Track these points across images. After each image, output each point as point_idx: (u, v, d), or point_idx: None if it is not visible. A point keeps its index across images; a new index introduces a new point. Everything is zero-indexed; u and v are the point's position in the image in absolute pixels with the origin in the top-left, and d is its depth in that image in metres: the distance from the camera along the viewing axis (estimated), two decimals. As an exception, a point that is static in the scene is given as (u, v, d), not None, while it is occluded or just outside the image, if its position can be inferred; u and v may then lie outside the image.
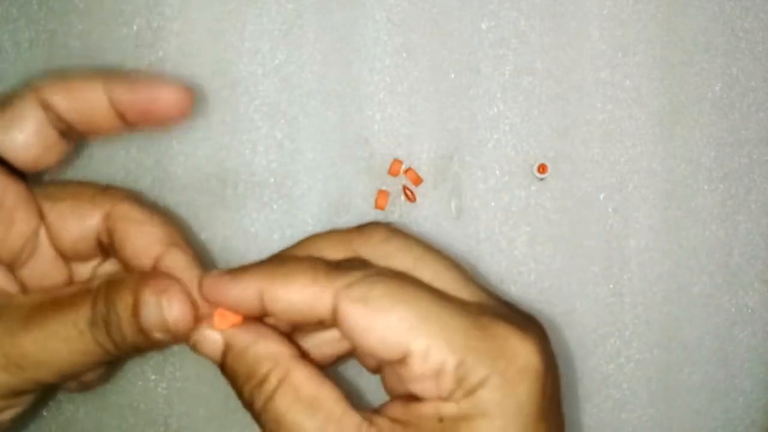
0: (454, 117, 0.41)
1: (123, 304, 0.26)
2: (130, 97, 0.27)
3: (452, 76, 0.41)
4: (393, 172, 0.41)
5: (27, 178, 0.29)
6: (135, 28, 0.39)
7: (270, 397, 0.25)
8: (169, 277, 0.27)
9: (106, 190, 0.28)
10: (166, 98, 0.28)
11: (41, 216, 0.28)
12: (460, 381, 0.25)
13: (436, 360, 0.25)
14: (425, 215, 0.41)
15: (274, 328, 0.28)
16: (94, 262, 0.31)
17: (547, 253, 0.42)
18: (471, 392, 0.25)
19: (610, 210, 0.42)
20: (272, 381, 0.26)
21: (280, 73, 0.40)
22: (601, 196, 0.42)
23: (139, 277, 0.27)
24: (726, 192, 0.42)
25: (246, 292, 0.26)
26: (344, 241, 0.29)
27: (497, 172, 0.41)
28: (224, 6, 0.40)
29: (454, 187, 0.41)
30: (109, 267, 0.31)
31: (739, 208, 0.42)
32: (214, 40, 0.40)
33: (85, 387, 0.32)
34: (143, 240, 0.27)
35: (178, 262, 0.27)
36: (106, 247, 0.28)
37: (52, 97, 0.27)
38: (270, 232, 0.40)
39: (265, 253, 0.40)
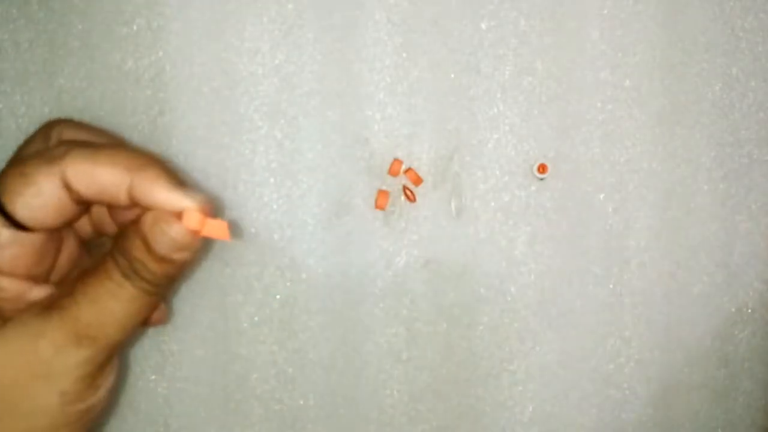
0: (454, 117, 0.41)
1: (136, 248, 0.29)
2: (148, 203, 0.29)
3: (452, 76, 0.41)
4: (393, 172, 0.41)
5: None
6: (135, 28, 0.40)
7: None
8: (150, 210, 0.29)
9: (48, 157, 0.29)
10: (187, 210, 0.29)
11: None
12: None
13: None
14: (425, 215, 0.41)
15: None
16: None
17: (547, 253, 0.42)
18: None
19: (610, 210, 0.42)
20: None
21: (280, 73, 0.40)
22: (601, 196, 0.42)
23: (134, 222, 0.30)
24: (726, 192, 0.42)
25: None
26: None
27: (497, 172, 0.41)
28: (224, 6, 0.40)
29: (454, 187, 0.41)
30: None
31: (739, 208, 0.42)
32: (214, 40, 0.40)
33: (156, 324, 0.35)
34: (106, 182, 0.29)
35: (146, 183, 0.29)
36: (84, 202, 0.30)
37: (76, 180, 0.29)
38: (270, 232, 0.40)
39: (265, 253, 0.40)
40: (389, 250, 0.41)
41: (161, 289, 0.30)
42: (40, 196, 0.29)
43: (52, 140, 0.32)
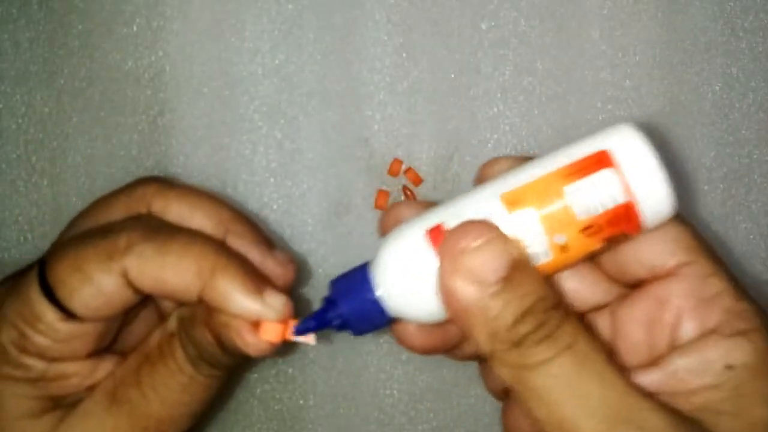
0: (454, 117, 0.41)
1: (207, 342, 0.27)
2: (222, 310, 0.27)
3: (452, 76, 0.41)
4: (393, 172, 0.41)
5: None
6: (135, 28, 0.40)
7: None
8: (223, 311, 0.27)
9: (109, 251, 0.27)
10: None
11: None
12: None
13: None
14: (425, 215, 0.41)
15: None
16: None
17: (547, 253, 0.42)
18: None
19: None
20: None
21: (280, 73, 0.40)
22: (601, 196, 0.42)
23: (203, 312, 0.27)
24: (726, 192, 0.42)
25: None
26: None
27: (497, 172, 0.41)
28: (224, 6, 0.40)
29: (454, 187, 0.41)
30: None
31: (739, 208, 0.42)
32: (214, 40, 0.40)
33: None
34: (174, 285, 0.26)
35: (219, 290, 0.26)
36: (147, 293, 0.28)
37: (140, 280, 0.26)
38: (270, 232, 0.40)
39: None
40: (389, 250, 0.41)
41: (232, 370, 0.28)
42: (100, 294, 0.26)
43: (140, 207, 0.29)
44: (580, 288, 0.29)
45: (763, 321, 0.26)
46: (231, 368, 0.28)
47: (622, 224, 0.27)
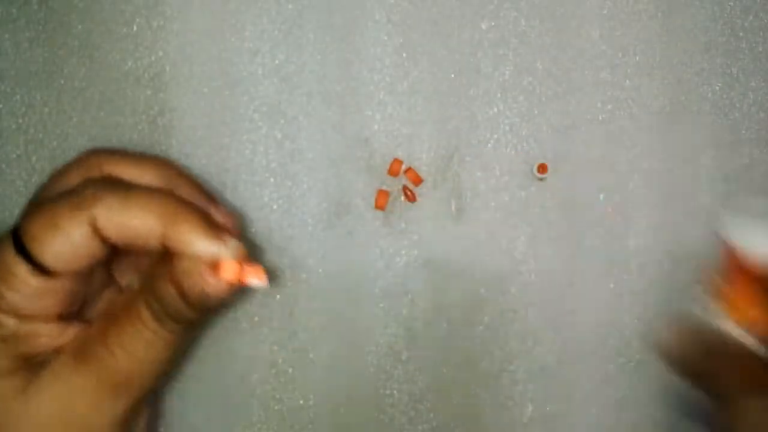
0: (454, 117, 0.41)
1: (169, 295, 0.28)
2: (182, 252, 0.28)
3: (452, 76, 0.41)
4: (393, 172, 0.41)
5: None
6: (135, 28, 0.39)
7: None
8: (183, 256, 0.29)
9: (77, 202, 0.28)
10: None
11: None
12: None
13: None
14: (425, 215, 0.41)
15: None
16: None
17: (547, 253, 0.42)
18: None
19: (610, 210, 0.42)
20: None
21: (280, 73, 0.40)
22: (601, 196, 0.42)
23: (165, 262, 0.29)
24: (726, 192, 0.42)
25: None
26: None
27: (497, 172, 0.41)
28: (224, 6, 0.40)
29: (454, 187, 0.41)
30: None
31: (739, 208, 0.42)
32: (214, 40, 0.40)
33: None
34: (138, 230, 0.28)
35: (182, 233, 0.28)
36: (110, 244, 0.29)
37: (107, 227, 0.28)
38: (270, 232, 0.40)
39: (266, 253, 0.40)
40: (389, 250, 0.41)
41: (196, 327, 0.30)
42: (70, 244, 0.28)
43: (93, 173, 0.31)
44: None
45: None
46: (194, 323, 0.29)
47: None
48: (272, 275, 0.32)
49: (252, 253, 0.35)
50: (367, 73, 0.40)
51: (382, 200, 0.40)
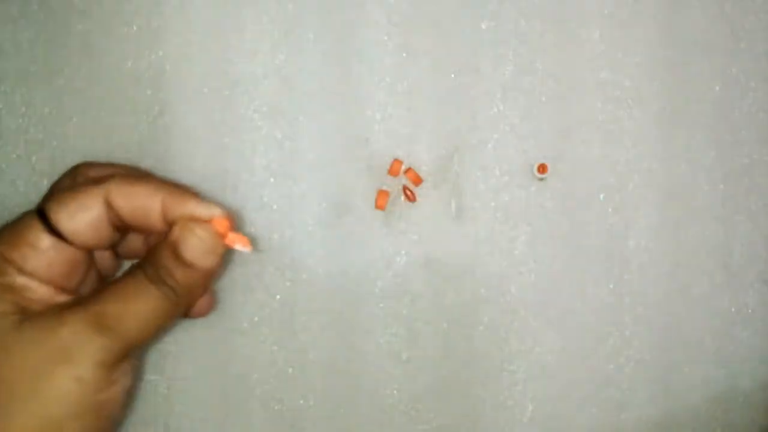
0: (454, 117, 0.41)
1: (164, 256, 0.32)
2: (179, 213, 0.32)
3: (452, 76, 0.41)
4: (393, 172, 0.41)
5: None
6: (135, 28, 0.40)
7: None
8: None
9: (95, 179, 0.32)
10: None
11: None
12: None
13: None
14: (425, 215, 0.41)
15: None
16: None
17: (547, 253, 0.42)
18: None
19: (610, 210, 0.42)
20: None
21: (280, 73, 0.40)
22: (601, 196, 0.42)
23: (161, 241, 0.32)
24: (726, 192, 0.42)
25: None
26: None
27: (497, 172, 0.41)
28: (224, 6, 0.40)
29: (454, 187, 0.41)
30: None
31: (739, 208, 0.42)
32: (214, 40, 0.40)
33: (200, 314, 0.37)
34: (142, 197, 0.32)
35: (176, 197, 0.32)
36: (121, 227, 0.33)
37: (117, 198, 0.32)
38: (270, 232, 0.40)
39: (266, 254, 0.40)
40: (389, 250, 0.41)
41: (183, 299, 0.32)
42: (83, 211, 0.31)
43: (78, 180, 0.34)
44: None
45: None
46: (183, 295, 0.32)
47: None
48: (254, 243, 0.34)
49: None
50: (367, 73, 0.40)
51: (382, 200, 0.40)
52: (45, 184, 0.39)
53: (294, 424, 0.40)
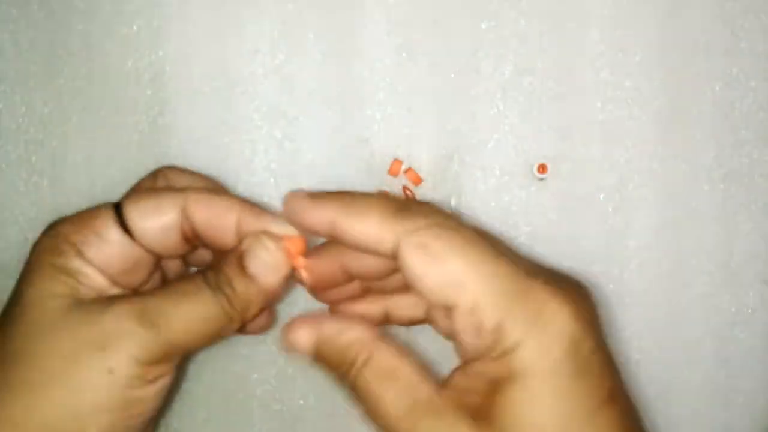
0: (454, 117, 0.41)
1: (228, 264, 0.31)
2: (254, 228, 0.31)
3: (452, 76, 0.41)
4: (393, 172, 0.41)
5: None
6: (135, 28, 0.40)
7: (357, 376, 0.29)
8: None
9: (175, 190, 0.32)
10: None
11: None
12: (496, 341, 0.27)
13: (478, 317, 0.28)
14: (425, 215, 0.41)
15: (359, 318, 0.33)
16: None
17: (547, 253, 0.42)
18: (506, 353, 0.27)
19: (610, 210, 0.42)
20: (359, 362, 0.29)
21: (280, 73, 0.40)
22: (601, 196, 0.42)
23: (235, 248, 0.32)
24: (726, 192, 0.42)
25: (321, 217, 0.30)
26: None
27: (497, 172, 0.41)
28: (224, 6, 0.40)
29: (454, 187, 0.41)
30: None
31: (739, 208, 0.42)
32: (214, 40, 0.40)
33: (257, 331, 0.36)
34: (219, 210, 0.31)
35: (253, 213, 0.32)
36: (191, 239, 0.32)
37: (194, 208, 0.31)
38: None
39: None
40: (389, 250, 0.41)
41: (237, 312, 0.31)
42: (158, 214, 0.31)
43: (158, 183, 0.34)
44: None
45: None
46: (237, 310, 0.31)
47: None
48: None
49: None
50: (367, 73, 0.40)
51: (382, 200, 0.40)
52: (45, 184, 0.40)
53: (294, 424, 0.40)
